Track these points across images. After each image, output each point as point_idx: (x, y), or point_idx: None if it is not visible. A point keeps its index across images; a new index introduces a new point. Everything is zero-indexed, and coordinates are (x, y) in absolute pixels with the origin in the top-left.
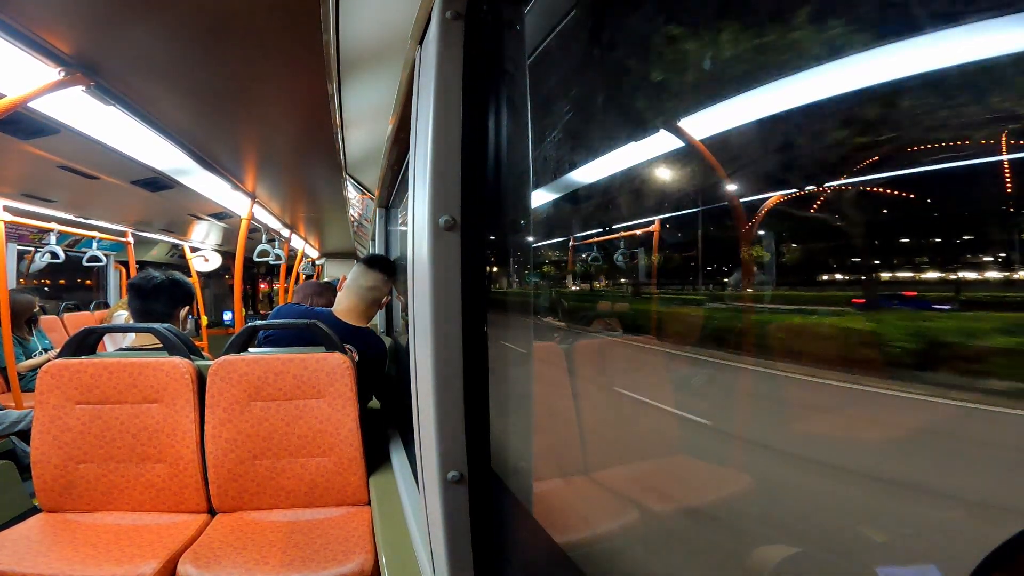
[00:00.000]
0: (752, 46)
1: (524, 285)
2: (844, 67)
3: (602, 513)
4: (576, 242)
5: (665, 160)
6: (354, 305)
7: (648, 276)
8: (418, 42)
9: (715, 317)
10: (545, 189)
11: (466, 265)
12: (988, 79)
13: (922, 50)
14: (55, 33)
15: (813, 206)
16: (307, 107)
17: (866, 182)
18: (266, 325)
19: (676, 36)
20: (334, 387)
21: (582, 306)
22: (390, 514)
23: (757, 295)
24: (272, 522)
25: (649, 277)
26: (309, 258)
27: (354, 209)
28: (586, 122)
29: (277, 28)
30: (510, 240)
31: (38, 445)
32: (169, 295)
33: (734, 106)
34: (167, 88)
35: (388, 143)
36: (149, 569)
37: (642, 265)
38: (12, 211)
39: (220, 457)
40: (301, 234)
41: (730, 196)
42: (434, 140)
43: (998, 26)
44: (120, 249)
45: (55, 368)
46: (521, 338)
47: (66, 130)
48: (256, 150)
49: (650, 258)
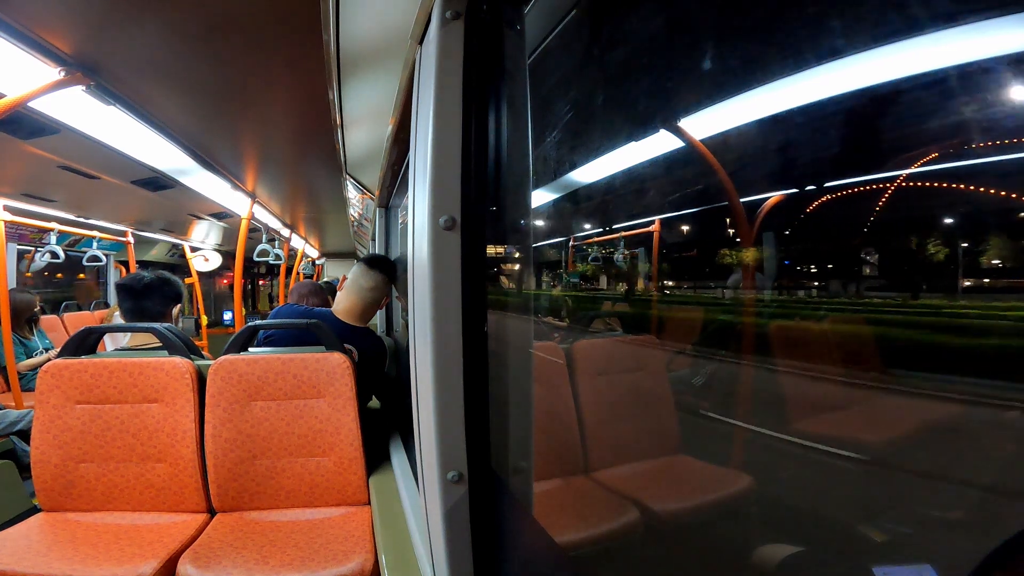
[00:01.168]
0: (752, 45)
1: (524, 285)
2: (843, 67)
3: (603, 513)
4: (576, 242)
5: (665, 160)
6: (354, 305)
7: (648, 276)
8: (418, 42)
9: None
10: (545, 189)
11: (466, 265)
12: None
13: (919, 50)
14: (55, 33)
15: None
16: (307, 107)
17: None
18: (266, 325)
19: (676, 36)
20: (334, 387)
21: (582, 306)
22: (390, 514)
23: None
24: (272, 522)
25: (648, 277)
26: (309, 258)
27: (354, 209)
28: (586, 122)
29: (277, 28)
30: (510, 240)
31: (38, 445)
32: (161, 294)
33: (734, 106)
34: (167, 88)
35: (388, 143)
36: (149, 569)
37: (641, 265)
38: (12, 211)
39: (220, 457)
40: (301, 234)
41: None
42: (434, 140)
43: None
44: (120, 249)
45: (55, 368)
46: (521, 338)
47: (66, 130)
48: (256, 150)
49: (650, 258)
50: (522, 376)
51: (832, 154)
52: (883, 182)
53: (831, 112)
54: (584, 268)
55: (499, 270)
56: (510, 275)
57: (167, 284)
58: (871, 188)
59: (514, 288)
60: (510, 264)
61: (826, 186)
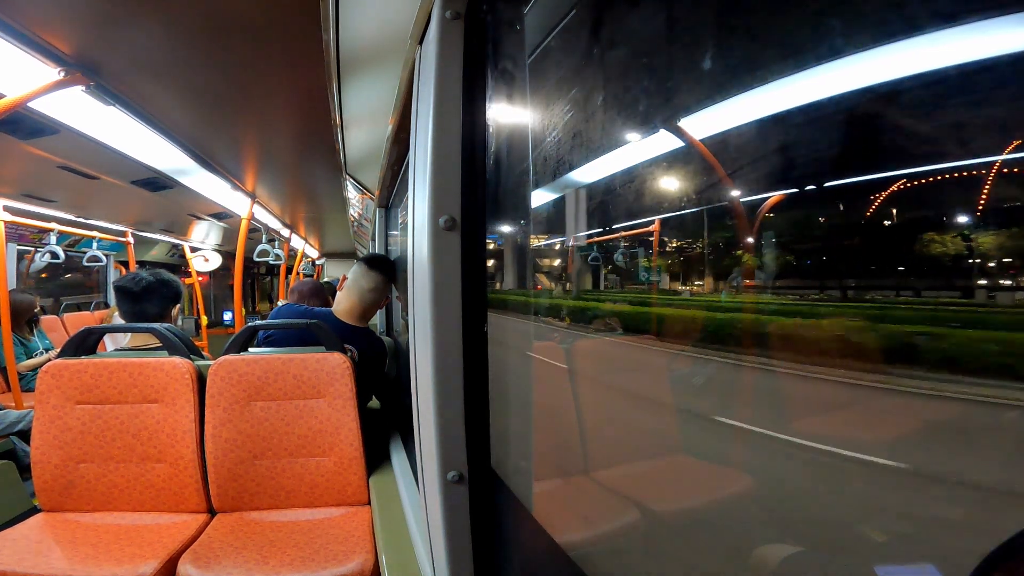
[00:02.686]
0: (752, 45)
1: (524, 285)
2: (844, 66)
3: (603, 512)
4: (576, 242)
5: (666, 159)
6: (354, 305)
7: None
8: (418, 42)
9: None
10: (545, 189)
11: (466, 265)
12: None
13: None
14: (55, 33)
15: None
16: (307, 107)
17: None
18: (266, 325)
19: (676, 35)
20: (334, 387)
21: (581, 306)
22: (390, 514)
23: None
24: (272, 522)
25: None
26: (309, 258)
27: (354, 209)
28: (586, 122)
29: (277, 28)
30: (510, 240)
31: (38, 445)
32: (160, 295)
33: (735, 106)
34: (167, 88)
35: (388, 143)
36: (149, 569)
37: (641, 265)
38: (12, 211)
39: (220, 457)
40: (301, 234)
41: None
42: (434, 140)
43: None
44: (120, 249)
45: (55, 368)
46: (521, 338)
47: (66, 130)
48: (256, 150)
49: (649, 258)
50: (522, 376)
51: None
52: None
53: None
54: (583, 268)
55: (499, 270)
56: (510, 274)
57: (166, 285)
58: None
59: (514, 288)
60: (510, 264)
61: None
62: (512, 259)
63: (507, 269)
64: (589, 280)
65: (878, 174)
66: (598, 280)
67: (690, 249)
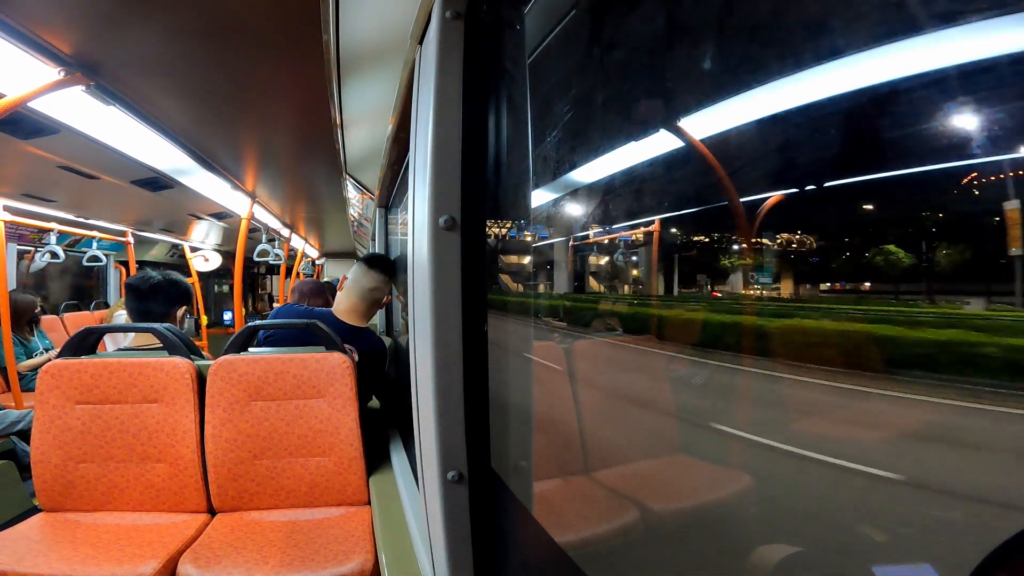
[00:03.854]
0: (752, 45)
1: (524, 285)
2: (843, 66)
3: (602, 512)
4: (576, 242)
5: (666, 159)
6: (354, 305)
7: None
8: (418, 42)
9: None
10: (545, 189)
11: (466, 265)
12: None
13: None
14: (55, 33)
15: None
16: (307, 107)
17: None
18: (266, 325)
19: (676, 36)
20: (334, 387)
21: (582, 306)
22: (390, 514)
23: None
24: (272, 522)
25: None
26: (309, 258)
27: (354, 209)
28: (586, 122)
29: (277, 28)
30: (510, 240)
31: (38, 445)
32: (166, 295)
33: (734, 106)
34: (167, 88)
35: (388, 143)
36: (149, 569)
37: (641, 266)
38: (12, 211)
39: (220, 457)
40: (301, 234)
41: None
42: (434, 140)
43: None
44: (120, 249)
45: (55, 368)
46: (521, 338)
47: (66, 130)
48: (256, 150)
49: (649, 258)
50: (522, 376)
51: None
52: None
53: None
54: (584, 268)
55: (499, 270)
56: (510, 275)
57: (174, 285)
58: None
59: (514, 288)
60: (510, 264)
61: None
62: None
63: (506, 268)
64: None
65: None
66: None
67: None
